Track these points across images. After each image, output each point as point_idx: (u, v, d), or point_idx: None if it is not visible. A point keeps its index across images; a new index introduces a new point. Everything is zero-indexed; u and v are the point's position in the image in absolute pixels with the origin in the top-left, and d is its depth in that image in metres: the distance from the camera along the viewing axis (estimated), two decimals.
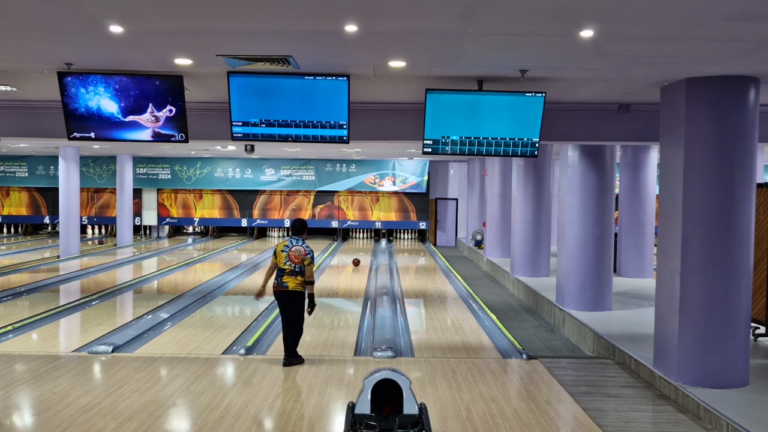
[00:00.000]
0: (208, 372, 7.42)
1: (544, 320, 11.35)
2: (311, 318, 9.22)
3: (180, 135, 7.43)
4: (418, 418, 4.72)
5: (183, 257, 19.64)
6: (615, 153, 10.82)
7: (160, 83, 7.10)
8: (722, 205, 6.53)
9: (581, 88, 7.65)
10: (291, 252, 7.62)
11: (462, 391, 6.83)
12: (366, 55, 6.10)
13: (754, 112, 6.61)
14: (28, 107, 8.99)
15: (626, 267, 13.96)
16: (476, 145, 7.54)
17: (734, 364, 6.63)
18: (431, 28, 5.06)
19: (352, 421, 4.69)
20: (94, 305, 11.61)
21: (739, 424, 5.60)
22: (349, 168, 24.78)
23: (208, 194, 25.48)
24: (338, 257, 20.23)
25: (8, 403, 6.37)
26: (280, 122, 7.29)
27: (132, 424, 5.78)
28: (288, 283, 7.60)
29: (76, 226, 19.08)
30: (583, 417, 6.15)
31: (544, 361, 8.07)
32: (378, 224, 25.54)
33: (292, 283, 7.59)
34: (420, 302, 12.74)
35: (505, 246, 17.40)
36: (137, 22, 5.03)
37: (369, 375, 5.04)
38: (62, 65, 6.82)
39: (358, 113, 8.05)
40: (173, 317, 10.65)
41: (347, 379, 7.25)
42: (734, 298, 6.59)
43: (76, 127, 7.36)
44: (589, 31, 5.00)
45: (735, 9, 4.36)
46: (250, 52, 6.06)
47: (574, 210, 10.48)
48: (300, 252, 7.62)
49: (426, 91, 7.26)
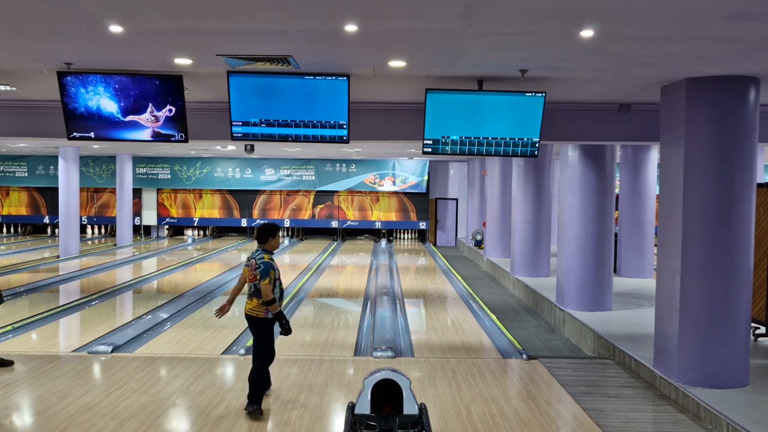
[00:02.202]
0: (208, 372, 7.42)
1: (544, 320, 11.34)
2: (311, 318, 9.21)
3: (180, 135, 7.43)
4: (418, 418, 4.72)
5: (183, 257, 19.64)
6: (615, 153, 10.82)
7: (160, 83, 7.09)
8: (722, 205, 6.53)
9: (581, 88, 7.65)
10: (246, 267, 6.19)
11: (462, 391, 6.83)
12: (366, 55, 6.10)
13: (754, 112, 6.61)
14: (28, 107, 8.98)
15: (626, 267, 13.96)
16: (476, 145, 7.54)
17: (734, 364, 6.62)
18: (431, 28, 5.05)
19: (352, 421, 4.69)
20: (94, 305, 11.61)
21: (739, 424, 5.60)
22: (349, 168, 24.78)
23: (208, 194, 25.48)
24: (338, 257, 20.23)
25: (8, 403, 6.37)
26: (280, 122, 7.29)
27: (132, 424, 5.77)
28: (246, 304, 6.16)
29: (76, 226, 19.08)
30: (583, 417, 6.14)
31: (544, 361, 8.07)
32: (378, 224, 25.54)
33: (248, 306, 6.11)
34: (420, 302, 12.74)
35: (505, 246, 17.40)
36: (137, 22, 5.02)
37: (369, 375, 5.04)
38: (62, 65, 6.82)
39: (358, 113, 8.04)
40: (173, 317, 10.65)
41: (347, 379, 7.25)
42: (734, 298, 6.59)
43: (75, 127, 7.36)
44: (589, 31, 5.00)
45: (735, 9, 4.36)
46: (250, 51, 6.06)
47: (574, 210, 10.48)
48: (251, 266, 6.05)
49: (426, 91, 7.26)
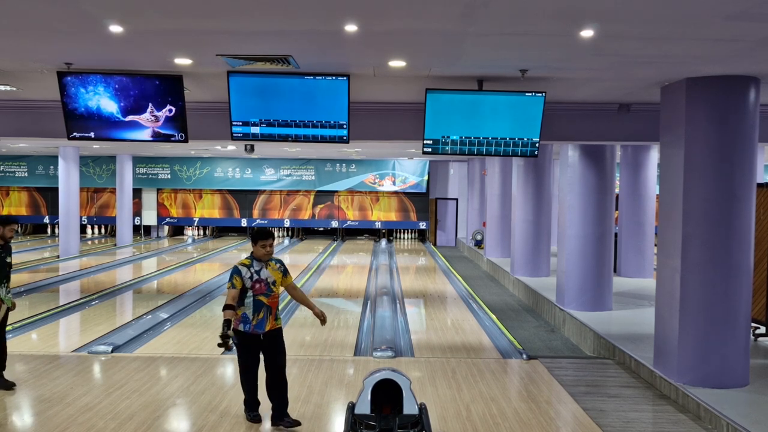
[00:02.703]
0: (208, 372, 7.42)
1: (544, 320, 11.34)
2: (311, 318, 9.18)
3: (180, 135, 7.43)
4: (418, 418, 4.72)
5: (183, 257, 19.64)
6: (615, 153, 10.82)
7: (160, 83, 7.09)
8: (722, 205, 6.52)
9: (581, 88, 7.65)
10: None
11: (462, 391, 6.83)
12: (366, 55, 6.10)
13: (754, 112, 6.60)
14: (28, 107, 8.98)
15: (626, 267, 13.96)
16: (476, 145, 7.54)
17: (734, 364, 6.62)
18: (431, 28, 5.05)
19: (352, 421, 4.69)
20: (94, 305, 11.61)
21: (740, 424, 5.60)
22: (349, 168, 24.77)
23: (208, 194, 25.48)
24: (338, 257, 20.23)
25: (8, 403, 6.37)
26: (280, 122, 7.29)
27: (132, 424, 5.77)
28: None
29: (76, 226, 19.09)
30: (583, 417, 6.14)
31: (544, 361, 8.07)
32: (378, 224, 25.54)
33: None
34: (420, 302, 12.74)
35: (505, 246, 17.40)
36: (137, 22, 5.02)
37: (369, 375, 5.04)
38: (62, 65, 6.81)
39: (358, 113, 8.03)
40: (173, 317, 10.65)
41: (347, 379, 7.24)
42: (734, 298, 6.59)
43: (75, 127, 7.36)
44: (589, 31, 5.00)
45: (735, 9, 4.36)
46: (250, 51, 6.06)
47: (574, 210, 10.48)
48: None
49: (426, 90, 7.26)
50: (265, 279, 5.67)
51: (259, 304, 5.65)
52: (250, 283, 5.63)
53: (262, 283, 5.66)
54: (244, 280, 5.64)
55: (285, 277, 5.87)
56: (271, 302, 5.72)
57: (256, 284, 5.64)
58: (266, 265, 5.74)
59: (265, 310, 5.67)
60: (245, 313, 5.64)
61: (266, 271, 5.70)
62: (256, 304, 5.64)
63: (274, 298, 5.76)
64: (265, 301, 5.66)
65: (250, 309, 5.64)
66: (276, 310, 5.79)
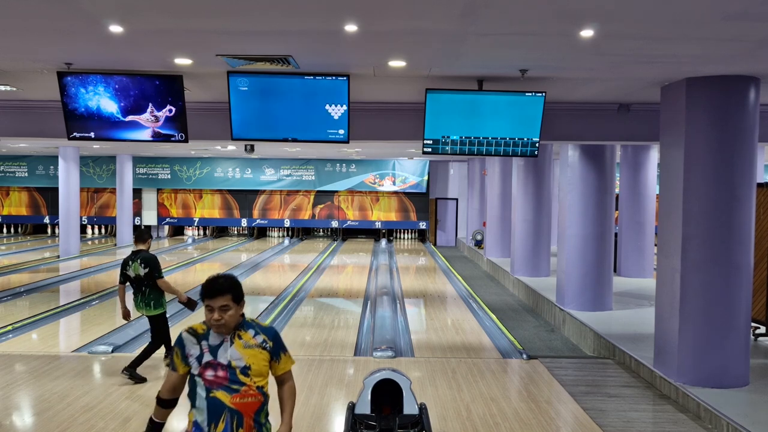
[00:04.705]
0: None
1: (544, 320, 11.34)
2: (311, 318, 9.20)
3: (180, 135, 7.43)
4: (418, 418, 4.72)
5: (183, 257, 19.63)
6: (615, 153, 10.82)
7: (160, 83, 7.09)
8: (722, 205, 6.53)
9: (581, 88, 7.65)
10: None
11: (462, 391, 6.83)
12: (366, 55, 6.10)
13: (754, 112, 6.60)
14: (28, 107, 8.98)
15: (626, 267, 13.96)
16: (476, 144, 7.54)
17: (734, 364, 6.62)
18: (431, 28, 5.05)
19: (352, 422, 4.69)
20: (94, 305, 11.61)
21: (740, 424, 5.60)
22: (349, 168, 24.77)
23: (208, 194, 25.47)
24: (338, 257, 20.23)
25: (8, 403, 6.37)
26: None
27: (132, 424, 5.77)
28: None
29: (76, 226, 19.08)
30: (583, 417, 6.14)
31: (544, 361, 8.07)
32: (378, 224, 25.54)
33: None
34: (420, 302, 12.73)
35: (505, 246, 17.40)
36: (137, 22, 5.02)
37: (369, 375, 5.04)
38: (62, 65, 6.82)
39: (358, 113, 8.04)
40: (173, 317, 10.62)
41: (347, 379, 7.25)
42: (734, 298, 6.59)
43: (75, 127, 7.36)
44: (589, 31, 5.00)
45: (735, 9, 4.36)
46: (250, 51, 6.06)
47: (574, 210, 10.48)
48: None
49: (426, 90, 7.26)
50: (225, 363, 3.18)
51: (217, 406, 3.15)
52: (197, 367, 3.20)
53: (220, 369, 3.17)
54: (189, 360, 3.23)
55: (275, 360, 3.31)
56: (241, 405, 3.16)
57: (208, 370, 3.18)
58: (234, 336, 3.24)
59: (228, 419, 3.15)
60: (196, 422, 3.19)
61: (232, 349, 3.21)
62: (211, 405, 3.15)
63: (248, 395, 3.18)
64: (227, 402, 3.14)
65: (203, 414, 3.17)
66: (254, 418, 3.19)
